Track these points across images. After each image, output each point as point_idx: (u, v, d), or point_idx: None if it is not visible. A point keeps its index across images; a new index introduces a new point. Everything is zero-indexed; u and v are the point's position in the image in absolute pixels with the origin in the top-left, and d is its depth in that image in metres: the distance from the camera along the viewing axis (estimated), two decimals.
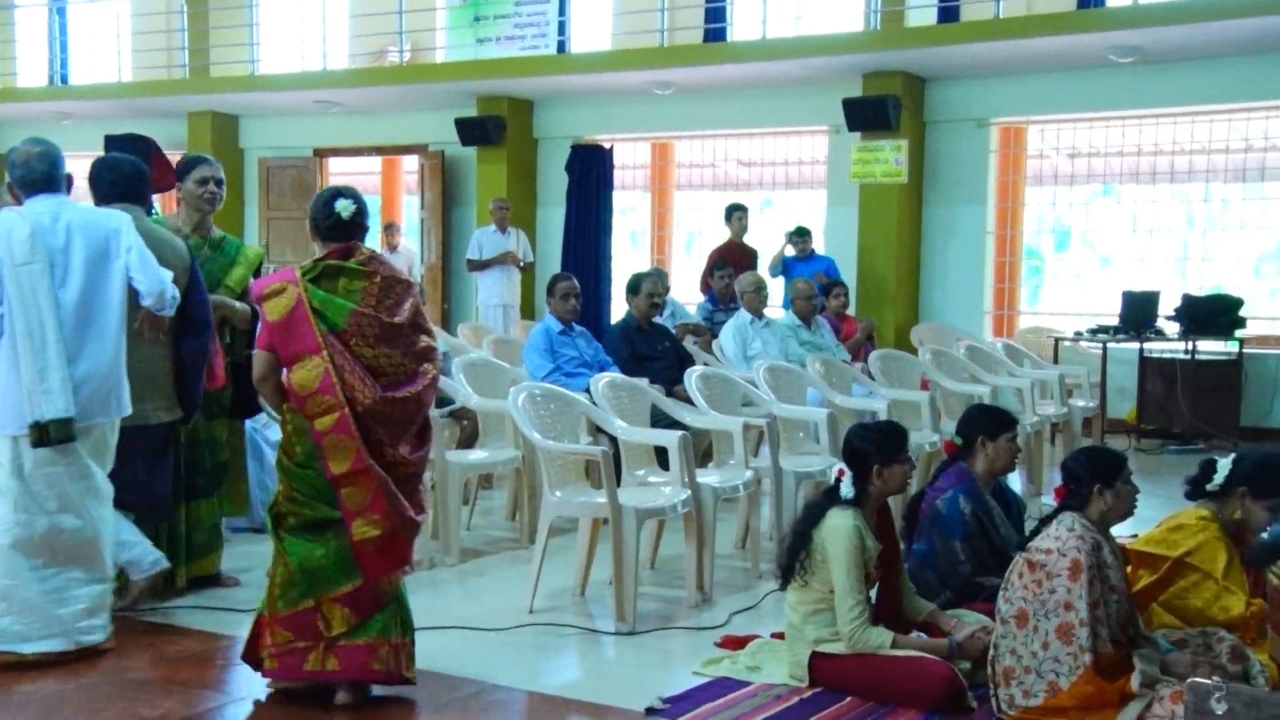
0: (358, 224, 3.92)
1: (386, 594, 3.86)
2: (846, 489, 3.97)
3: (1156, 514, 4.53)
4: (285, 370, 3.78)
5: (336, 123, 13.72)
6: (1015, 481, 7.68)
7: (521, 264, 11.74)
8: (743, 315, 8.13)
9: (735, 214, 10.71)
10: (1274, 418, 9.90)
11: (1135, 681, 3.50)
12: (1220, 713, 3.08)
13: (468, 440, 6.76)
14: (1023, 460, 7.64)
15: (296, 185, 13.63)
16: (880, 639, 3.86)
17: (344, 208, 3.87)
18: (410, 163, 14.09)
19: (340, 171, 15.06)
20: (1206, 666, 3.59)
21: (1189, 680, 3.19)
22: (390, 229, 13.06)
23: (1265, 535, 4.13)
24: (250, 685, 4.04)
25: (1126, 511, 3.79)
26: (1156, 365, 9.90)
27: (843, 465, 4.04)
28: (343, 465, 3.70)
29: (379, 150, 14.05)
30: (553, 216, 12.87)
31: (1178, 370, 9.68)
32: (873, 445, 4.02)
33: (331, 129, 13.83)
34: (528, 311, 12.02)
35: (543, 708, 3.91)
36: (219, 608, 4.86)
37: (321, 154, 14.10)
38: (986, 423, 4.62)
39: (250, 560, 5.35)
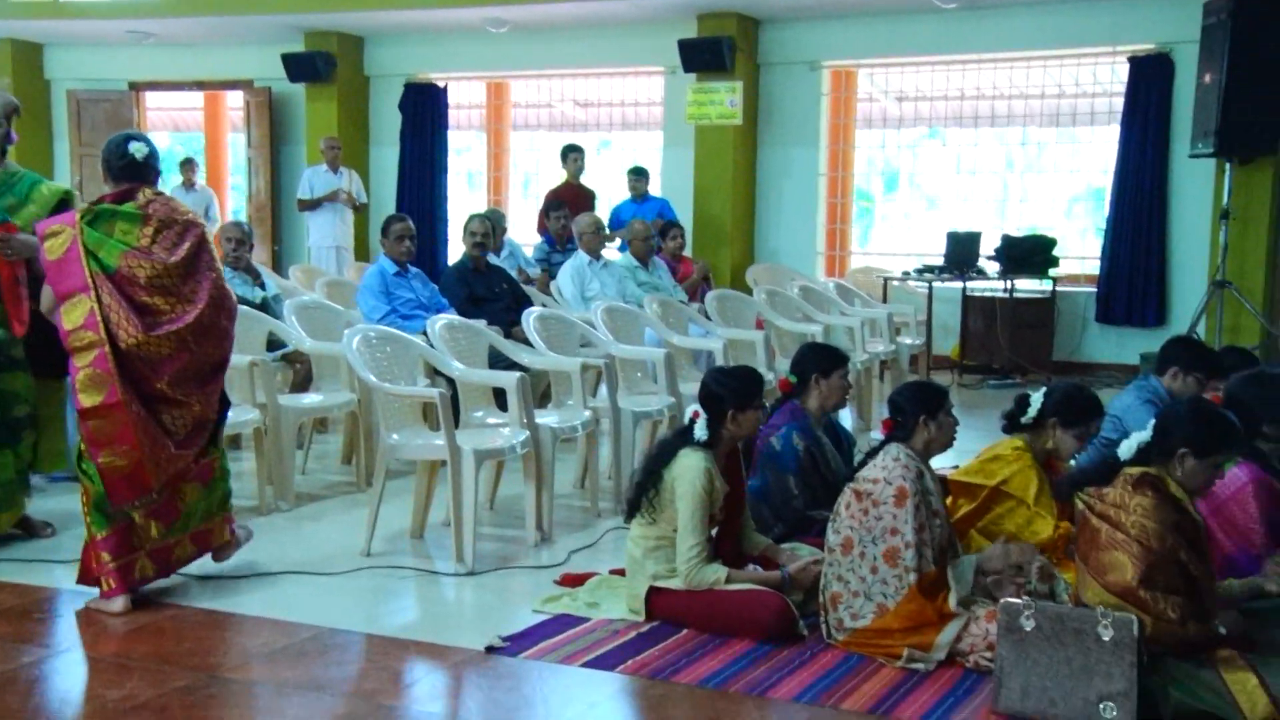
0: (150, 166, 4.19)
1: (191, 497, 4.25)
2: (700, 431, 4.03)
3: (977, 445, 4.74)
4: (58, 308, 4.02)
5: (154, 54, 13.08)
6: (846, 417, 7.93)
7: (355, 204, 11.47)
8: (580, 256, 8.13)
9: (571, 155, 10.67)
10: (1083, 352, 10.44)
11: (953, 600, 3.68)
12: (1029, 629, 3.27)
13: (301, 384, 6.61)
14: (853, 397, 7.90)
15: (111, 120, 12.94)
16: (716, 575, 3.95)
17: (138, 149, 4.15)
18: (235, 99, 13.55)
19: (159, 106, 14.40)
20: (1016, 558, 3.80)
21: (1002, 601, 3.36)
22: (187, 165, 12.52)
23: (1073, 463, 4.39)
24: (71, 637, 3.92)
25: (947, 441, 3.96)
26: (978, 303, 10.31)
27: (698, 407, 4.09)
28: (94, 399, 3.93)
29: (200, 85, 13.47)
30: (386, 156, 12.59)
31: (997, 308, 10.10)
32: (729, 390, 4.07)
33: (148, 61, 13.18)
34: (361, 253, 11.78)
35: (381, 649, 3.88)
36: (33, 559, 4.67)
37: (138, 88, 13.45)
38: (819, 360, 4.75)
39: (68, 505, 5.13)
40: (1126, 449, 3.39)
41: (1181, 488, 3.36)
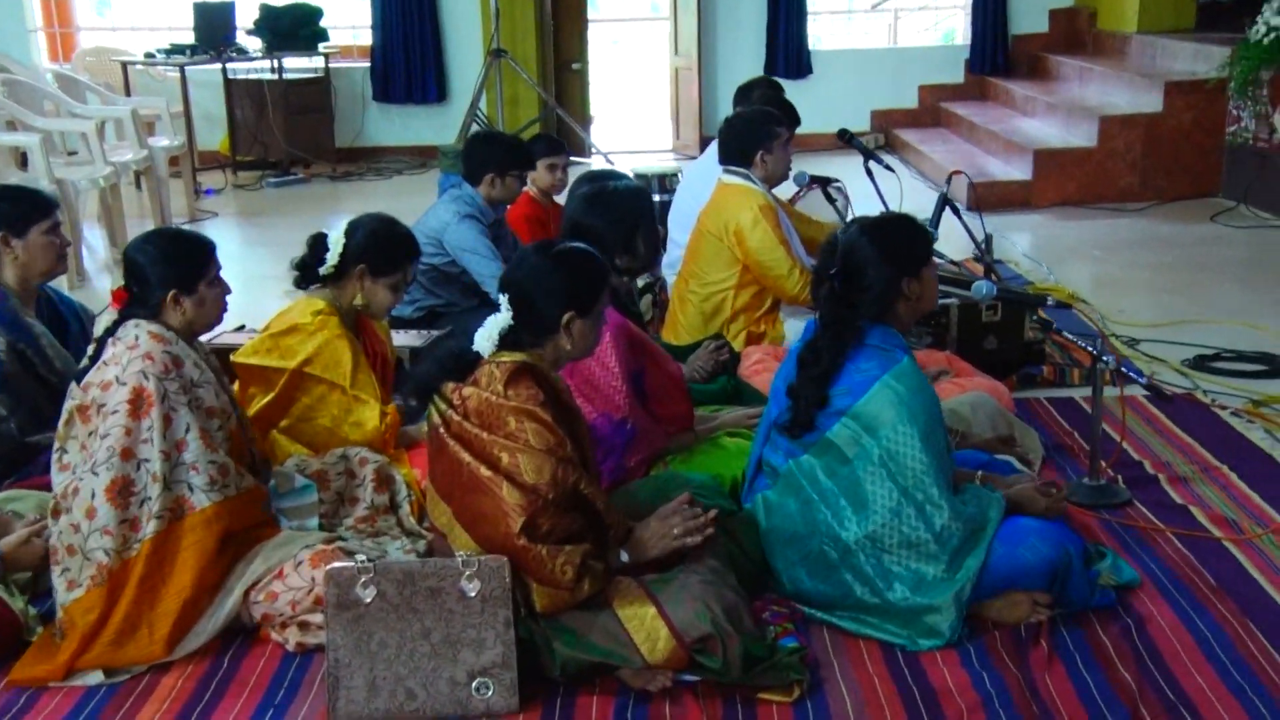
0: None
1: None
2: None
3: (273, 288, 3.53)
4: None
5: None
6: (99, 242, 6.44)
7: None
8: None
9: None
10: (366, 136, 9.61)
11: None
12: (369, 600, 2.33)
13: None
14: (101, 219, 6.39)
15: None
16: None
17: None
18: None
19: None
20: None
21: (328, 568, 2.37)
22: None
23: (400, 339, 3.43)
24: None
25: (212, 317, 2.79)
26: (244, 87, 8.95)
27: None
28: None
29: None
30: None
31: (266, 91, 8.81)
32: None
33: None
34: None
35: None
36: None
37: None
38: (24, 209, 3.27)
39: None
40: (487, 340, 2.46)
41: (555, 367, 2.53)
